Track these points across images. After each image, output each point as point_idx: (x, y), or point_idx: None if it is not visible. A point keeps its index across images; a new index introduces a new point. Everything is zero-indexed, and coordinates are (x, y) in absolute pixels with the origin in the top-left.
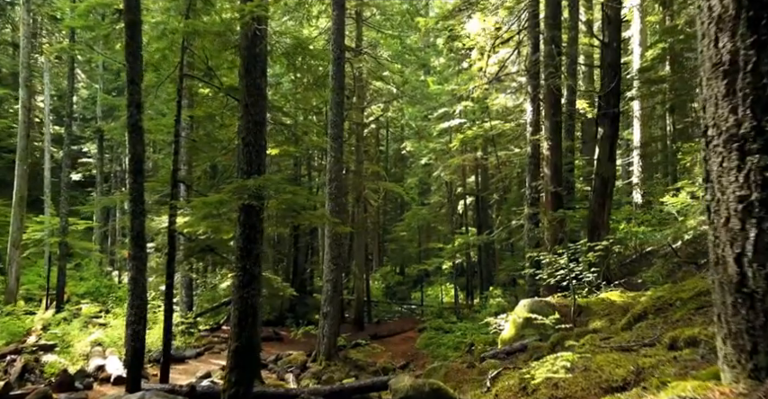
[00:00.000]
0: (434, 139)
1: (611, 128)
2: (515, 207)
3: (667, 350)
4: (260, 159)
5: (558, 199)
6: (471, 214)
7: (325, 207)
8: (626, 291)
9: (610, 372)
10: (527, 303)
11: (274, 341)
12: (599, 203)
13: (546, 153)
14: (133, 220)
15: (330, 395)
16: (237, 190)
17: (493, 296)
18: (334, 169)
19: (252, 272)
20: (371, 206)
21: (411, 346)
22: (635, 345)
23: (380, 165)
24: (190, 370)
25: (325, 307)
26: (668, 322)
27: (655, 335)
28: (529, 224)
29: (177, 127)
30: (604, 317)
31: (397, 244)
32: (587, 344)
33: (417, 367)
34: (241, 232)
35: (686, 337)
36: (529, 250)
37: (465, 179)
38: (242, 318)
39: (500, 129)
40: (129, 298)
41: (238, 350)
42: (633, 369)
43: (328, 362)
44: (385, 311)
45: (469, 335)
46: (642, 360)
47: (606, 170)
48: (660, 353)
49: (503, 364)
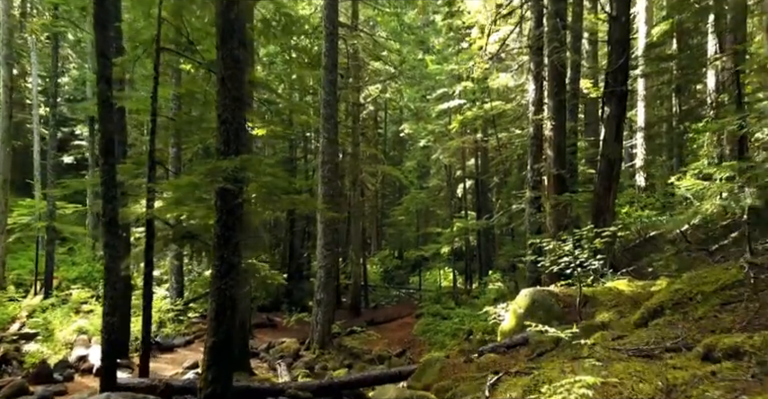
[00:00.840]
0: (433, 121)
1: (618, 106)
2: (516, 190)
3: (701, 360)
4: (239, 138)
5: (562, 183)
6: (471, 197)
7: (318, 190)
8: (634, 280)
9: (633, 388)
10: (529, 292)
11: (268, 327)
12: (604, 186)
13: (549, 133)
14: (105, 205)
15: (319, 390)
16: (211, 172)
17: (492, 280)
18: (327, 151)
19: (230, 262)
20: (369, 190)
21: (408, 332)
22: (656, 349)
23: (378, 148)
24: (178, 359)
25: (319, 294)
26: (689, 319)
27: (679, 338)
28: (530, 208)
29: (154, 105)
30: (612, 309)
31: (395, 229)
32: (598, 345)
33: (414, 354)
34: (218, 218)
35: (726, 347)
36: (531, 236)
37: (464, 162)
38: (219, 311)
39: (501, 110)
40: (104, 288)
41: (215, 345)
42: (662, 386)
43: (322, 350)
44: (383, 296)
45: (468, 322)
46: (672, 374)
47: (612, 151)
48: (692, 364)
49: (503, 359)
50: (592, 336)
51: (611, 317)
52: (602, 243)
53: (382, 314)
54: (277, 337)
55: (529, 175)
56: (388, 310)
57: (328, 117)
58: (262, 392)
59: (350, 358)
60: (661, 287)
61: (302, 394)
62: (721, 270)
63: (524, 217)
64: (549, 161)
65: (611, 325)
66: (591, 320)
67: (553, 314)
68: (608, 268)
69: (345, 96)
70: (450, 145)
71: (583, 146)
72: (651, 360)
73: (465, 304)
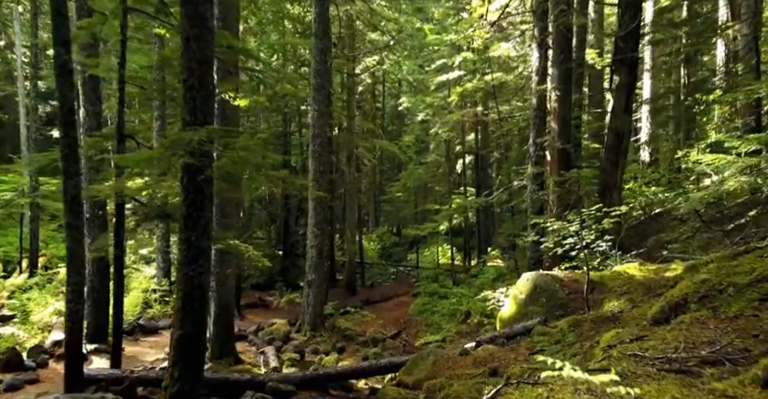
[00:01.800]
0: (432, 94)
1: (628, 75)
2: (517, 166)
3: (761, 387)
4: (207, 107)
5: (566, 158)
6: (470, 173)
7: (309, 166)
8: (645, 263)
9: None
10: (530, 277)
11: (259, 307)
12: (611, 161)
13: (553, 105)
14: (66, 181)
15: (303, 383)
16: (173, 144)
17: (491, 257)
18: (318, 124)
19: (199, 246)
20: (365, 165)
21: (404, 312)
22: (691, 360)
23: (377, 123)
24: (161, 343)
25: (310, 275)
26: (722, 318)
27: (716, 344)
28: (532, 185)
29: (121, 71)
30: (622, 296)
31: (393, 206)
32: (615, 349)
33: (409, 336)
34: (184, 197)
35: None
36: (533, 216)
37: (464, 136)
38: (187, 301)
39: (502, 80)
40: (67, 274)
41: (183, 339)
42: None
43: (313, 333)
44: (379, 274)
45: (465, 303)
46: None
47: (621, 123)
48: (750, 393)
49: (502, 353)
50: (604, 335)
51: (621, 306)
52: (610, 224)
53: (378, 292)
54: (268, 318)
55: (531, 150)
56: (384, 288)
57: (319, 87)
58: (241, 385)
59: (342, 340)
60: (677, 272)
61: (284, 387)
62: (754, 258)
63: (526, 195)
64: (552, 134)
65: (623, 318)
66: (599, 309)
67: (557, 301)
68: (617, 250)
69: (339, 66)
70: (450, 118)
71: (587, 119)
72: (688, 378)
73: (463, 283)
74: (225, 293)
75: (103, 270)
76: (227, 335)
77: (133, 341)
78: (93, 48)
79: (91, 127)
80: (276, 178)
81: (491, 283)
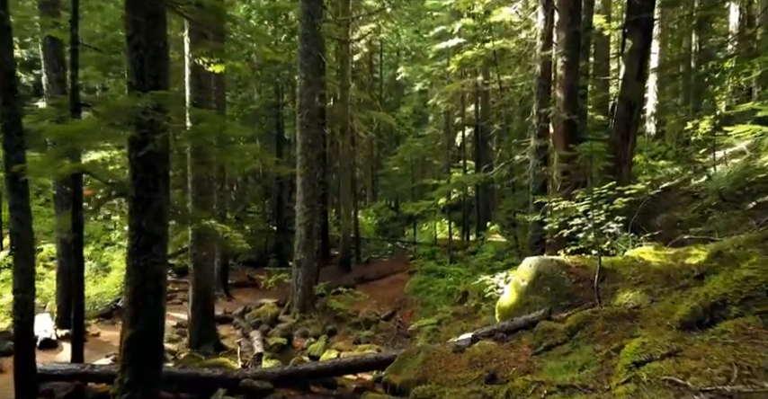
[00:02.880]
0: (430, 62)
1: (642, 39)
2: (518, 139)
3: None
4: (156, 69)
5: (572, 130)
6: (470, 146)
7: (297, 139)
8: (661, 247)
9: None
10: (534, 263)
11: (249, 287)
12: (621, 134)
13: (559, 72)
14: (7, 156)
15: (281, 380)
16: (111, 114)
17: (490, 233)
18: (305, 93)
19: (152, 232)
20: (361, 138)
21: (399, 291)
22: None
23: (374, 94)
24: None
25: (299, 254)
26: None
27: None
28: (535, 159)
29: (74, 30)
30: (638, 287)
31: (390, 180)
32: (644, 370)
33: (404, 316)
34: (133, 175)
35: None
36: (535, 193)
37: (464, 108)
38: (139, 295)
39: (503, 45)
40: (13, 260)
41: (135, 339)
42: None
43: (303, 315)
44: (376, 249)
45: (462, 282)
46: None
47: (633, 92)
48: None
49: (501, 351)
50: (625, 344)
51: (637, 299)
52: (623, 203)
53: (374, 269)
54: (258, 298)
55: (534, 121)
56: (380, 265)
57: (306, 53)
58: (212, 382)
59: (334, 322)
60: (699, 258)
61: (260, 385)
62: None
63: (528, 170)
64: (558, 104)
65: (643, 316)
66: (611, 300)
67: (562, 290)
68: (630, 232)
69: (329, 31)
70: (449, 88)
71: (591, 88)
72: None
73: (461, 260)
74: (203, 276)
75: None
76: (206, 320)
77: (110, 324)
78: (52, 7)
79: (55, 95)
80: (242, 152)
81: (489, 262)
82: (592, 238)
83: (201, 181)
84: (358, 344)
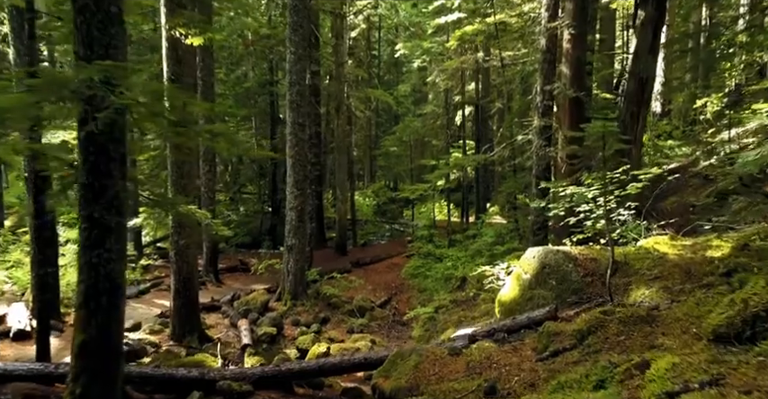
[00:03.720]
0: (429, 38)
1: (656, 8)
2: (519, 118)
3: None
4: (107, 36)
5: (579, 108)
6: (470, 126)
7: (286, 118)
8: (677, 237)
9: None
10: (537, 254)
11: (240, 272)
12: (632, 113)
13: (566, 46)
14: None
15: (262, 380)
16: (46, 86)
17: (490, 215)
18: (295, 69)
19: (105, 223)
20: (357, 117)
21: (396, 275)
22: None
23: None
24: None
25: (291, 239)
26: None
27: None
28: (539, 140)
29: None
30: (654, 282)
31: (387, 161)
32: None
33: (400, 303)
34: (83, 160)
35: None
36: (538, 175)
37: (464, 86)
38: (90, 296)
39: (505, 19)
40: None
41: (87, 345)
42: None
43: (294, 302)
44: (374, 232)
45: (461, 267)
46: None
47: (645, 66)
48: None
49: (502, 355)
50: (652, 362)
51: (654, 297)
52: (637, 189)
53: (370, 253)
54: (249, 284)
55: (538, 99)
56: (377, 248)
57: (295, 27)
58: (187, 383)
59: (326, 309)
60: (723, 251)
61: (238, 387)
62: None
63: (531, 151)
64: (564, 80)
65: (663, 320)
66: (624, 297)
67: (569, 284)
68: (642, 220)
69: (322, 3)
70: (448, 65)
71: (596, 65)
72: None
73: (460, 244)
74: (185, 265)
75: (51, 237)
76: (190, 311)
77: None
78: None
79: None
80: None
81: (489, 246)
82: (601, 226)
83: (182, 163)
84: (351, 333)
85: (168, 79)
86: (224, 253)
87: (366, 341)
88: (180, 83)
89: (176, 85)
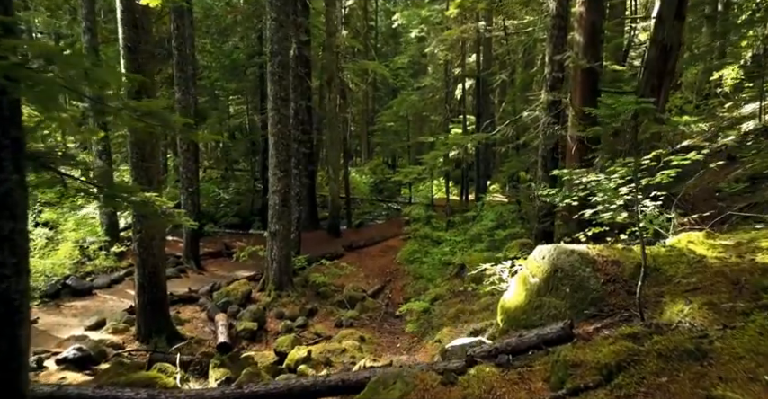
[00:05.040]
0: (428, 5)
1: None
2: (522, 92)
3: None
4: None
5: (593, 80)
6: (471, 100)
7: (267, 91)
8: (714, 234)
9: None
10: (548, 254)
11: (224, 257)
12: (653, 85)
13: (580, 9)
14: None
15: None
16: None
17: (491, 192)
18: (276, 37)
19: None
20: (352, 91)
21: (391, 260)
22: None
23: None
24: (91, 308)
25: (274, 225)
26: None
27: None
28: (547, 116)
29: None
30: (695, 295)
31: (384, 137)
32: None
33: (394, 292)
34: None
35: None
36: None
37: (464, 58)
38: None
39: None
40: None
41: None
42: None
43: (279, 292)
44: (369, 212)
45: (459, 252)
46: None
47: (671, 33)
48: None
49: (505, 385)
50: None
51: (697, 317)
52: (669, 177)
53: (365, 234)
54: (233, 270)
55: (546, 70)
56: (372, 230)
57: None
58: None
59: (314, 299)
60: None
61: None
62: None
63: (538, 130)
64: (577, 49)
65: (720, 358)
66: (656, 314)
67: (587, 293)
68: (672, 211)
69: None
70: (448, 35)
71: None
72: None
73: (459, 226)
74: (150, 257)
75: None
76: (157, 309)
77: (54, 307)
78: None
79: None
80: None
81: (490, 231)
82: (622, 219)
83: (143, 144)
84: (340, 327)
85: (124, 47)
86: (210, 236)
87: (354, 338)
88: (137, 52)
89: (133, 54)
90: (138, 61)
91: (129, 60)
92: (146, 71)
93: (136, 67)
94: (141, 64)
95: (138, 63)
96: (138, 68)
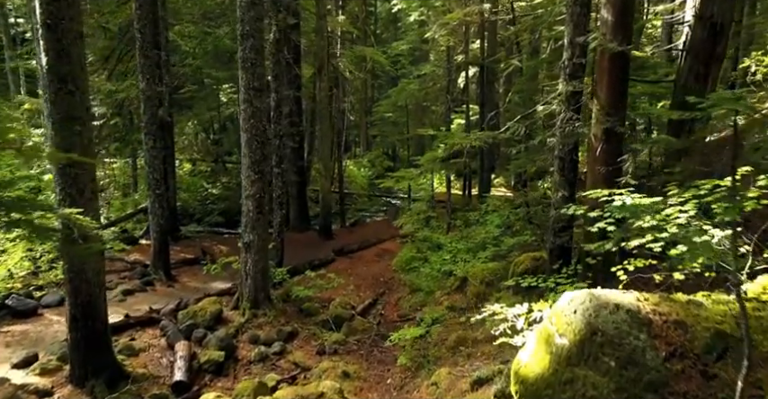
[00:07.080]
0: None
1: None
2: (530, 80)
3: None
4: None
5: (624, 67)
6: (474, 88)
7: (239, 80)
8: None
9: None
10: (581, 305)
11: (198, 265)
12: (697, 74)
13: None
14: None
15: None
16: None
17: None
18: (248, 16)
19: None
20: (347, 79)
21: (386, 267)
22: None
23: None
24: (30, 334)
25: (247, 235)
26: None
27: None
28: (566, 112)
29: None
30: None
31: (382, 128)
32: None
33: (387, 307)
34: None
35: None
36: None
37: (467, 44)
38: None
39: None
40: None
41: None
42: None
43: (254, 311)
44: (366, 208)
45: (461, 262)
46: None
47: (721, 8)
48: None
49: None
50: None
51: None
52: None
53: (359, 236)
54: (208, 281)
55: (565, 56)
56: (367, 229)
57: None
58: None
59: (296, 319)
60: None
61: None
62: None
63: (556, 128)
64: (604, 29)
65: None
66: None
67: (642, 371)
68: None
69: None
70: (450, 18)
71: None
72: None
73: (460, 228)
74: (84, 284)
75: None
76: (94, 345)
77: None
78: None
79: None
80: None
81: (495, 239)
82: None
83: (71, 143)
84: (322, 355)
85: (43, 24)
86: (188, 239)
87: (336, 375)
88: (59, 31)
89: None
90: (62, 43)
91: (50, 41)
92: (72, 55)
93: (58, 50)
94: (66, 46)
95: (62, 45)
96: (62, 51)
